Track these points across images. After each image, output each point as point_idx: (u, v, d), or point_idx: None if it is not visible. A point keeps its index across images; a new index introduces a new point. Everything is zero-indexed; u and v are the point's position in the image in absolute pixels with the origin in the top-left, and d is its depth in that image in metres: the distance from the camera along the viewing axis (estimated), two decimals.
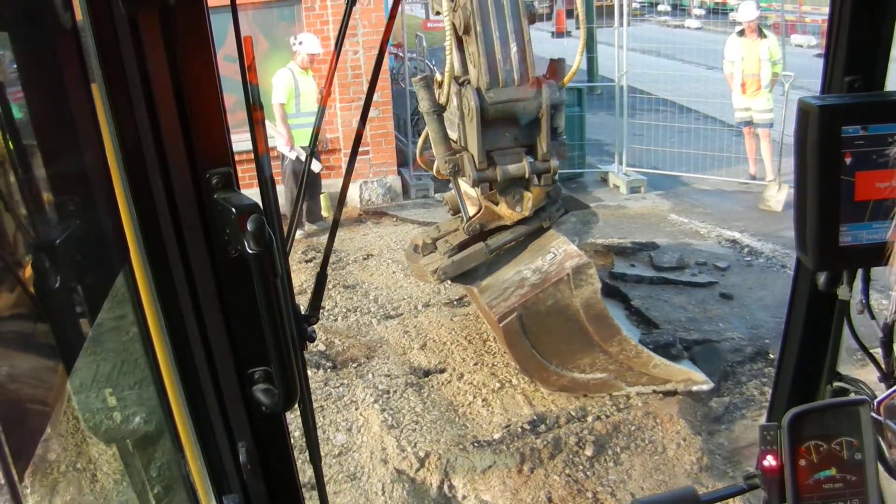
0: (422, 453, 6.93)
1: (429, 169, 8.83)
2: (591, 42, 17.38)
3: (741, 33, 14.07)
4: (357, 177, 14.15)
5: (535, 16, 7.71)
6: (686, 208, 13.76)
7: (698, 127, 16.18)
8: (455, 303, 9.98)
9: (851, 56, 2.01)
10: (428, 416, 7.55)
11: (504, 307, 7.38)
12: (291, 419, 1.86)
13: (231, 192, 1.50)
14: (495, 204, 7.71)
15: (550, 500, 6.51)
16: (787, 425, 1.96)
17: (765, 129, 14.04)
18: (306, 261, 11.39)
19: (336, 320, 9.70)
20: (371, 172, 14.35)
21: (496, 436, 7.14)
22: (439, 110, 7.61)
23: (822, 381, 2.38)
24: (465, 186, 7.97)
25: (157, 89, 1.42)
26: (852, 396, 2.26)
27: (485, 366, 8.40)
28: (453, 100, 7.56)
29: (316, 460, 2.05)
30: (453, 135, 7.76)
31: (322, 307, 2.18)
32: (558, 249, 7.47)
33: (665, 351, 7.81)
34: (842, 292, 2.12)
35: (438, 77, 7.77)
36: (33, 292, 1.62)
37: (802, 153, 1.84)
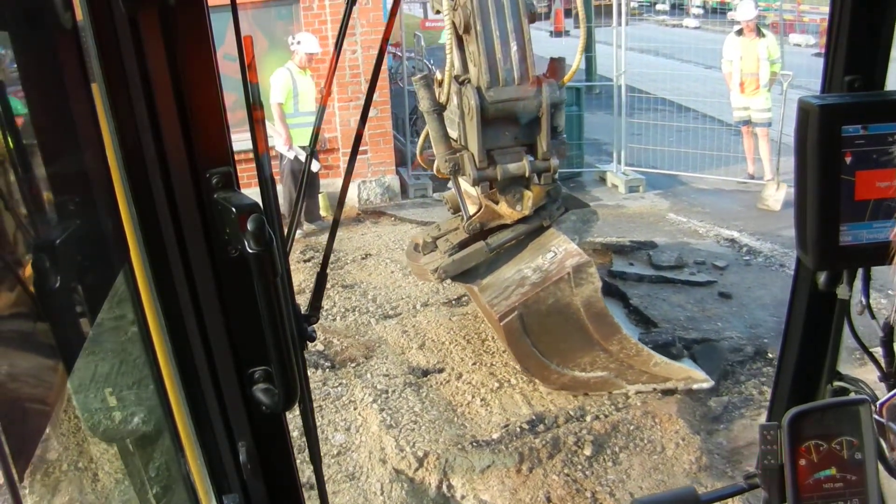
0: (420, 453, 6.93)
1: (429, 168, 8.83)
2: (589, 41, 17.36)
3: (740, 32, 14.08)
4: (355, 176, 14.13)
5: (535, 15, 7.71)
6: (684, 207, 13.76)
7: (697, 126, 16.19)
8: (454, 302, 9.98)
9: (851, 56, 2.01)
10: (426, 415, 7.55)
11: (505, 306, 7.39)
12: (291, 419, 1.85)
13: (231, 191, 1.50)
14: (495, 203, 7.72)
15: (549, 499, 6.50)
16: (787, 425, 1.96)
17: (763, 128, 14.04)
18: (304, 260, 11.38)
19: (334, 320, 9.70)
20: (369, 172, 14.35)
21: (495, 435, 7.14)
22: (439, 109, 7.62)
23: (822, 381, 2.38)
24: (466, 185, 7.98)
25: (157, 89, 1.41)
26: (852, 396, 2.26)
27: (483, 365, 8.40)
28: (453, 99, 7.57)
29: (316, 460, 2.05)
30: (453, 134, 7.77)
31: (321, 307, 2.17)
32: (559, 248, 7.48)
33: (665, 350, 7.81)
34: (842, 292, 2.12)
35: (438, 76, 7.77)
36: (33, 292, 1.62)
37: (802, 153, 1.84)
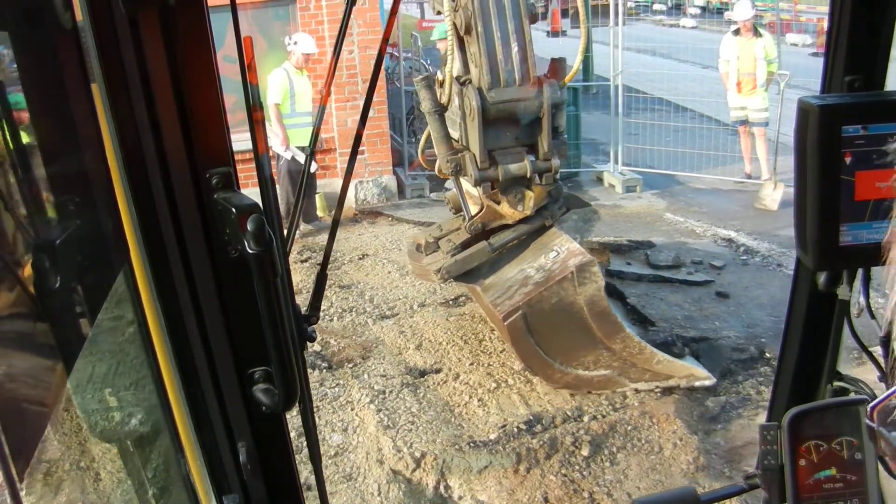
0: (418, 454, 6.92)
1: (430, 168, 8.85)
2: (587, 41, 17.38)
3: (737, 32, 14.08)
4: (352, 176, 14.10)
5: (535, 16, 7.74)
6: (682, 207, 13.77)
7: (694, 126, 16.19)
8: (451, 303, 9.97)
9: (851, 56, 2.01)
10: (424, 416, 7.54)
11: (508, 305, 7.41)
12: (291, 419, 1.85)
13: (231, 191, 1.50)
14: (497, 203, 7.74)
15: (547, 500, 6.50)
16: (787, 425, 1.96)
17: (760, 127, 14.06)
18: (302, 261, 11.37)
19: (332, 320, 9.69)
20: (366, 172, 14.34)
21: (492, 436, 7.14)
22: (441, 110, 7.64)
23: (822, 381, 2.38)
24: (467, 186, 8.00)
25: (157, 89, 1.41)
26: (852, 396, 2.26)
27: (481, 366, 8.40)
28: (455, 99, 7.58)
29: (316, 460, 2.05)
30: (455, 134, 7.79)
31: (321, 307, 2.16)
32: (561, 248, 7.51)
33: (667, 349, 7.83)
34: (842, 292, 2.12)
35: (440, 76, 7.79)
36: (33, 292, 1.62)
37: (802, 153, 1.84)
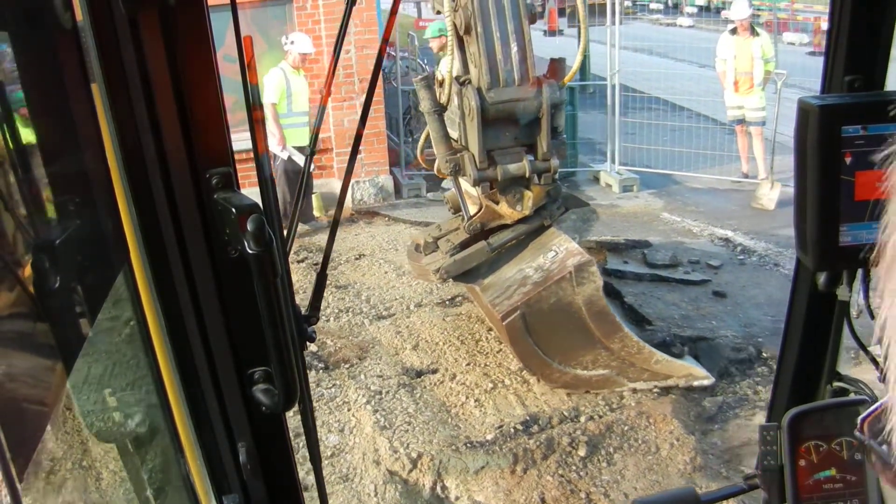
0: (414, 454, 6.93)
1: (430, 168, 8.85)
2: (586, 41, 17.38)
3: (733, 31, 14.09)
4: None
5: (535, 16, 7.76)
6: (678, 207, 13.77)
7: (691, 125, 16.18)
8: (447, 303, 9.97)
9: (851, 56, 2.01)
10: (420, 416, 7.54)
11: (507, 305, 7.43)
12: (290, 418, 1.85)
13: (231, 191, 1.50)
14: (496, 203, 7.75)
15: (543, 500, 6.51)
16: (787, 425, 1.97)
17: (757, 127, 14.07)
18: (298, 261, 11.35)
19: (328, 321, 9.68)
20: (363, 172, 14.32)
21: (489, 436, 7.14)
22: (440, 110, 7.65)
23: (822, 381, 2.39)
24: (466, 185, 8.01)
25: (157, 89, 1.41)
26: (852, 396, 2.26)
27: (477, 366, 8.40)
28: (454, 99, 7.59)
29: (316, 460, 2.05)
30: (454, 134, 7.80)
31: (321, 307, 2.16)
32: (560, 247, 7.52)
33: (666, 350, 7.85)
34: (841, 292, 2.12)
35: (439, 76, 7.79)
36: (33, 292, 1.61)
37: (802, 153, 1.84)
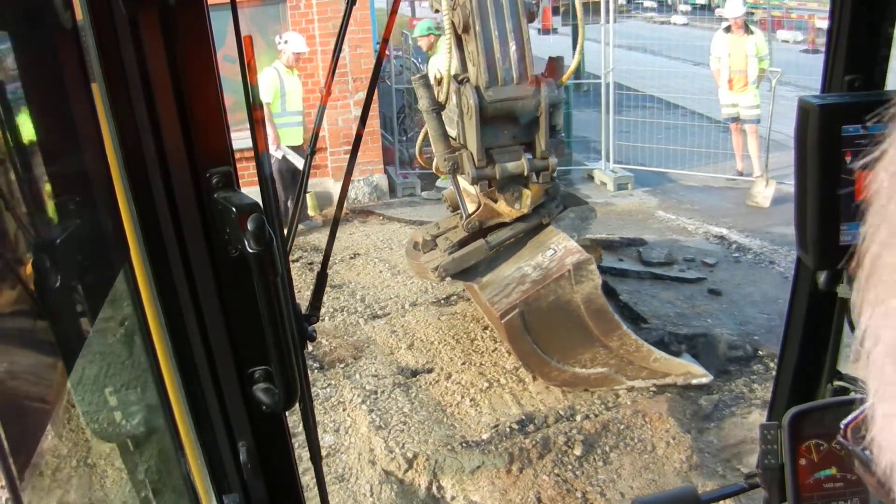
0: (410, 454, 6.92)
1: (428, 166, 8.86)
2: (583, 41, 17.38)
3: (727, 29, 14.11)
4: (342, 175, 14.10)
5: (533, 14, 7.77)
6: (673, 205, 13.79)
7: (685, 123, 16.21)
8: (442, 302, 9.96)
9: (851, 55, 2.02)
10: (416, 416, 7.54)
11: (506, 304, 7.44)
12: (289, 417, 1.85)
13: (231, 191, 1.50)
14: (494, 201, 7.76)
15: (539, 500, 6.50)
16: (787, 424, 1.97)
17: (752, 125, 14.09)
18: (293, 260, 11.32)
19: (323, 320, 9.66)
20: (357, 171, 14.30)
21: (484, 436, 7.14)
22: (438, 108, 7.66)
23: (823, 380, 2.39)
24: (465, 184, 8.02)
25: (157, 89, 1.41)
26: (852, 395, 2.27)
27: (473, 365, 8.40)
28: (452, 98, 7.60)
29: (316, 460, 2.05)
30: (452, 132, 7.81)
31: (321, 306, 2.17)
32: (558, 246, 7.54)
33: (664, 348, 7.86)
34: (842, 291, 2.12)
35: (438, 75, 7.80)
36: (34, 291, 1.62)
37: (803, 152, 1.85)
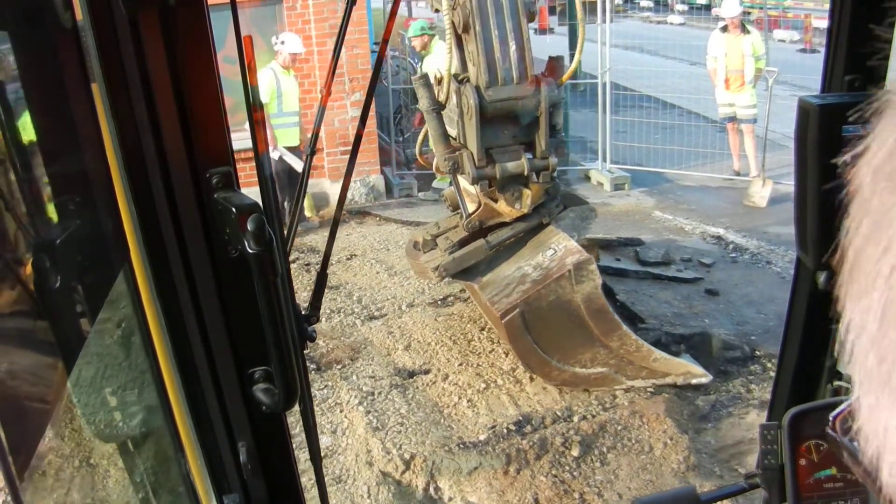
0: (407, 455, 6.92)
1: (429, 167, 8.86)
2: (576, 39, 17.37)
3: (724, 29, 14.13)
4: (339, 176, 14.09)
5: (533, 14, 7.77)
6: (670, 205, 13.79)
7: (682, 123, 16.21)
8: (439, 303, 9.96)
9: (851, 55, 2.02)
10: (413, 417, 7.54)
11: (506, 303, 7.45)
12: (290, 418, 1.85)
13: (231, 191, 1.50)
14: (494, 201, 7.76)
15: (537, 501, 6.51)
16: (787, 424, 1.97)
17: (749, 124, 14.11)
18: (290, 261, 11.28)
19: (319, 321, 9.63)
20: (354, 172, 14.23)
21: (482, 437, 7.14)
22: (439, 108, 7.66)
23: (823, 380, 2.39)
24: (465, 184, 8.02)
25: (157, 89, 1.42)
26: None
27: (470, 366, 8.40)
28: (453, 98, 7.61)
29: (316, 460, 2.05)
30: (453, 132, 7.81)
31: (321, 307, 2.17)
32: (559, 246, 7.55)
33: (664, 348, 7.87)
34: None
35: (437, 74, 7.80)
36: (34, 292, 1.61)
37: (803, 152, 1.85)
